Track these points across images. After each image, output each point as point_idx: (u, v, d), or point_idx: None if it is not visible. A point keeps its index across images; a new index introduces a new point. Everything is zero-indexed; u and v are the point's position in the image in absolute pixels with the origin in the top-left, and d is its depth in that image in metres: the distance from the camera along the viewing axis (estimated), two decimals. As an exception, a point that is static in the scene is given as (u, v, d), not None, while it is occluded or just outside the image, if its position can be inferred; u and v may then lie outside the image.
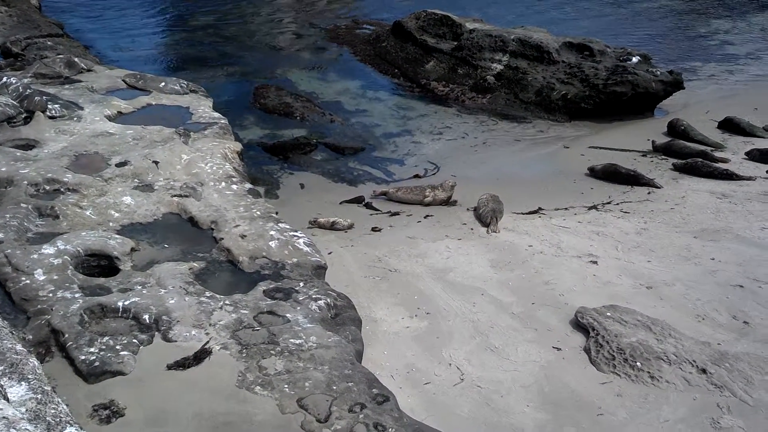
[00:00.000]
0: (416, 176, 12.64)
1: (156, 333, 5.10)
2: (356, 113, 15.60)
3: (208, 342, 4.98)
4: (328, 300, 5.74)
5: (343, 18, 23.07)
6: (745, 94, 17.18)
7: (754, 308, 7.40)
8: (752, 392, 5.96)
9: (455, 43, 17.95)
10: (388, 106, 16.10)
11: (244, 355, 4.88)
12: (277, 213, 7.14)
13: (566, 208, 10.67)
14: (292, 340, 5.09)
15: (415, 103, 16.29)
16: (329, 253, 8.48)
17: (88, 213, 6.68)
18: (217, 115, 9.65)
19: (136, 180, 7.37)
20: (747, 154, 12.88)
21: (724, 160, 12.44)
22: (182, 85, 10.55)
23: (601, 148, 13.59)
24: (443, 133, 14.70)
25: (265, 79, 17.14)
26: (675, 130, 14.03)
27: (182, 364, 4.78)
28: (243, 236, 6.47)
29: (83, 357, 4.71)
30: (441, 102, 16.41)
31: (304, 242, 6.57)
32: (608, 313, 7.02)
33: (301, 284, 5.91)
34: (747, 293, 7.73)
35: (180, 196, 7.18)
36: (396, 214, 10.62)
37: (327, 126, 14.67)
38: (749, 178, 11.67)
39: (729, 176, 11.74)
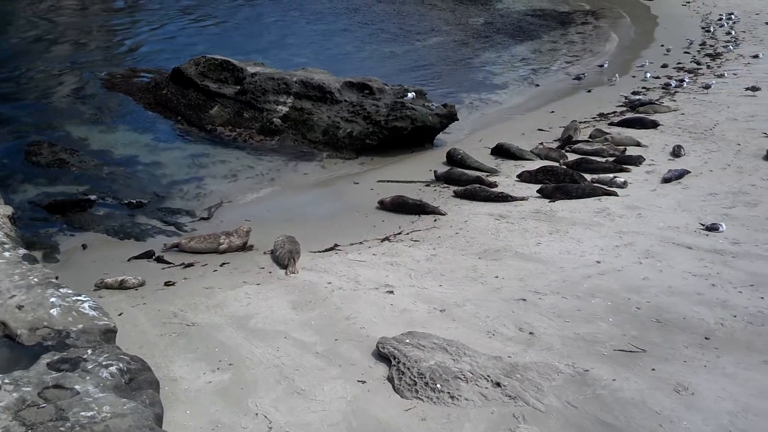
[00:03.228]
0: (203, 219, 12.42)
1: None
2: (140, 164, 15.00)
3: (-16, 429, 4.52)
4: (121, 365, 5.42)
5: (119, 66, 22.25)
6: (512, 120, 18.70)
7: (537, 319, 7.97)
8: (543, 399, 6.37)
9: (238, 88, 17.92)
10: (174, 154, 15.62)
11: (29, 437, 4.48)
12: (57, 278, 6.64)
13: (361, 242, 10.94)
14: (83, 413, 4.74)
15: (202, 149, 15.98)
16: (119, 315, 8.03)
17: None
18: (-20, 177, 8.88)
19: None
20: (518, 176, 13.96)
21: (494, 184, 13.41)
22: (-63, 147, 9.61)
23: (388, 181, 14.13)
24: (233, 177, 14.56)
25: (39, 135, 15.98)
26: (453, 159, 14.93)
27: (-44, 459, 4.31)
28: (20, 307, 5.96)
29: None
30: (229, 146, 16.22)
31: (89, 306, 6.16)
32: (407, 340, 7.23)
33: (89, 351, 5.53)
34: (530, 305, 8.32)
35: (-59, 270, 6.49)
36: (190, 265, 10.27)
37: (108, 180, 13.94)
38: (522, 199, 12.66)
39: (504, 198, 12.66)
